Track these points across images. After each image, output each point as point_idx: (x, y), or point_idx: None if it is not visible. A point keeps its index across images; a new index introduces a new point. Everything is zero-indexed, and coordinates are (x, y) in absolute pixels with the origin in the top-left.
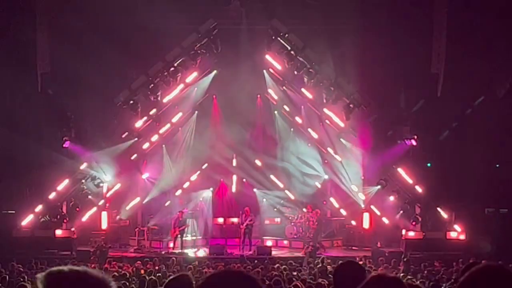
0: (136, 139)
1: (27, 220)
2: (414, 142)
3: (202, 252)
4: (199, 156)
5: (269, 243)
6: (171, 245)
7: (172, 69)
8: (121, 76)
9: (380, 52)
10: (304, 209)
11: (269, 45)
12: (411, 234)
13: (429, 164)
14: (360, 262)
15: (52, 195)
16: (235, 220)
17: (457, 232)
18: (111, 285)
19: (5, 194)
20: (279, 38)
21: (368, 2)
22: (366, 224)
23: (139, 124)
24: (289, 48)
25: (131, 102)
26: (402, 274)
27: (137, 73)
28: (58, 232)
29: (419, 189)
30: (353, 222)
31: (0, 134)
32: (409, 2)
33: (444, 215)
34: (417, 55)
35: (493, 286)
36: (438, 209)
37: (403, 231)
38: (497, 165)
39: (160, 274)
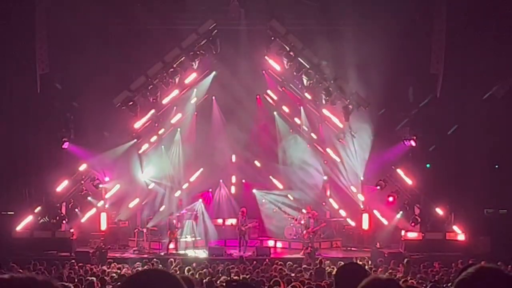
0: (135, 140)
1: (26, 221)
2: (413, 143)
3: (201, 253)
4: (198, 157)
5: (268, 243)
6: (171, 245)
7: (171, 70)
8: (120, 77)
9: (379, 53)
10: (304, 210)
11: (268, 46)
12: (411, 235)
13: (428, 165)
14: (359, 263)
15: (51, 196)
16: (234, 221)
17: (456, 233)
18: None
19: (4, 195)
20: (278, 39)
21: (367, 2)
22: (365, 225)
23: (138, 125)
24: (288, 48)
25: (130, 103)
26: (401, 275)
27: (136, 74)
28: (57, 233)
29: (418, 190)
30: (352, 223)
31: None
32: (408, 3)
33: (443, 215)
34: (417, 56)
35: (487, 287)
36: (437, 210)
37: (403, 232)
38: (496, 166)
39: None
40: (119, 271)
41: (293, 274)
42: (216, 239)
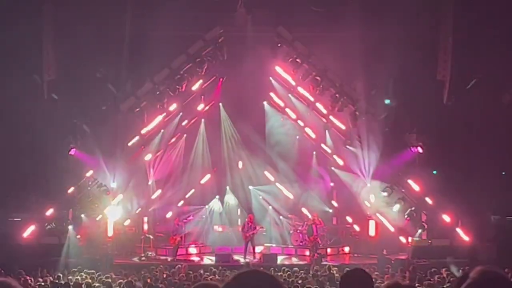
0: (142, 146)
1: (33, 227)
2: (420, 150)
3: (208, 260)
4: (205, 163)
5: (275, 250)
6: (178, 251)
7: (178, 76)
8: (127, 83)
9: (386, 60)
10: (310, 216)
11: (275, 53)
12: (417, 241)
13: (435, 172)
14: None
15: (58, 203)
16: (240, 227)
17: (463, 239)
18: None
19: (11, 201)
20: (284, 46)
21: (374, 10)
22: (372, 232)
23: (145, 131)
24: (295, 55)
25: (137, 109)
26: (407, 282)
27: (142, 80)
28: (64, 239)
29: (425, 196)
30: (357, 228)
31: (6, 141)
32: (414, 10)
33: (450, 222)
34: (423, 62)
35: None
36: (444, 216)
37: (409, 238)
38: (503, 173)
39: (166, 281)
40: (125, 277)
41: (300, 281)
42: (222, 245)
